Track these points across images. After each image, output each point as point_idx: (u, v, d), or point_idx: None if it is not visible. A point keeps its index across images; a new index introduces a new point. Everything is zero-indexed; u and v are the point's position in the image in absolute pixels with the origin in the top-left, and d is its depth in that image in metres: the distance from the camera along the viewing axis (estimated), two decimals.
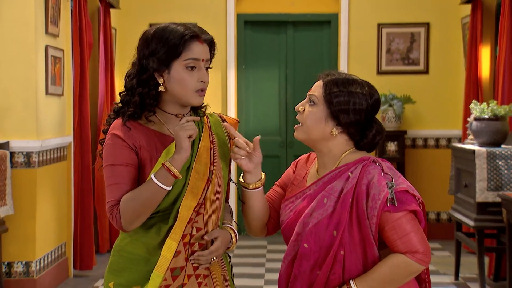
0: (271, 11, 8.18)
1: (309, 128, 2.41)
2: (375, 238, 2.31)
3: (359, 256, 2.32)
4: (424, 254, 2.29)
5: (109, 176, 2.36)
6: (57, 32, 5.89)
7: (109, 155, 2.37)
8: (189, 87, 2.39)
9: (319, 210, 2.35)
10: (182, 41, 2.36)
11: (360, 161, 2.38)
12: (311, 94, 2.45)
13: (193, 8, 8.00)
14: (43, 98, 5.60)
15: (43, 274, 5.62)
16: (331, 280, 2.33)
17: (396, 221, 2.28)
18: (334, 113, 2.38)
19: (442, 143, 7.95)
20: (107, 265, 2.49)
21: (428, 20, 7.92)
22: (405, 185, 2.32)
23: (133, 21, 7.96)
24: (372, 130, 2.42)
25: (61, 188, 6.08)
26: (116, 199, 2.35)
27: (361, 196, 2.31)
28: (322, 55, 8.20)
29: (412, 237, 2.28)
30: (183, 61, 2.37)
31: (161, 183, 2.29)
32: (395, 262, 2.28)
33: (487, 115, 5.57)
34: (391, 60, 7.96)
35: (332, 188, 2.36)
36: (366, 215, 2.29)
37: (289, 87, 8.23)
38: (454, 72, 7.91)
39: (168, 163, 2.29)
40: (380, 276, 2.28)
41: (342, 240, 2.31)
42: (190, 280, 2.39)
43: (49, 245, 5.80)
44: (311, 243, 2.35)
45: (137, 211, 2.32)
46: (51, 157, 5.80)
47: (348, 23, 7.98)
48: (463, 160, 5.80)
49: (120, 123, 2.39)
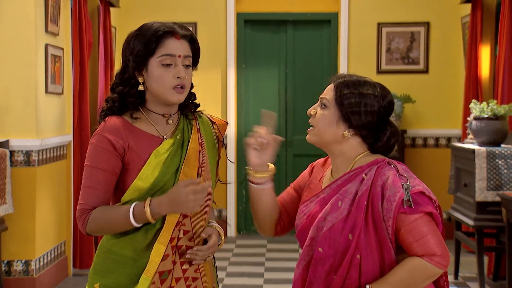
0: (271, 10, 8.18)
1: (321, 131, 2.38)
2: (392, 241, 2.26)
3: (376, 260, 2.28)
4: (442, 257, 2.23)
5: (86, 177, 2.36)
6: (57, 30, 5.89)
7: (91, 156, 2.36)
8: (166, 84, 2.36)
9: (334, 214, 2.32)
10: (154, 37, 2.35)
11: (375, 163, 2.35)
12: (322, 97, 2.41)
13: (193, 7, 8.00)
14: (43, 97, 5.60)
15: (42, 273, 5.62)
16: (347, 284, 2.28)
17: (412, 223, 2.24)
18: (346, 115, 2.35)
19: (442, 142, 7.95)
20: (92, 265, 2.46)
21: (428, 20, 7.92)
22: (421, 187, 2.28)
23: (133, 20, 7.91)
24: (386, 133, 2.38)
25: (60, 187, 6.08)
26: (88, 204, 2.34)
27: (376, 198, 2.27)
28: (322, 54, 8.20)
29: (429, 239, 2.23)
30: (157, 58, 2.36)
31: (133, 219, 2.29)
32: (411, 266, 2.23)
33: (486, 114, 5.57)
34: (391, 60, 7.96)
35: (347, 191, 2.33)
36: (382, 217, 2.25)
37: (289, 86, 8.23)
38: (453, 72, 7.91)
39: (148, 206, 2.27)
40: (397, 280, 2.23)
41: (358, 244, 2.27)
42: (179, 283, 2.38)
43: (49, 243, 5.81)
44: (326, 247, 2.31)
45: (103, 229, 2.36)
46: (50, 155, 5.80)
47: (348, 22, 7.98)
48: (463, 160, 5.81)
49: (111, 122, 2.37)
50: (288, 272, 6.34)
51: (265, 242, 7.70)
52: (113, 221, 2.32)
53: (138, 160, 2.35)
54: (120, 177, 2.37)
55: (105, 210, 2.33)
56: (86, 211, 2.34)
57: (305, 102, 8.13)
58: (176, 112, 2.48)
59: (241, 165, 8.16)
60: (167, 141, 2.41)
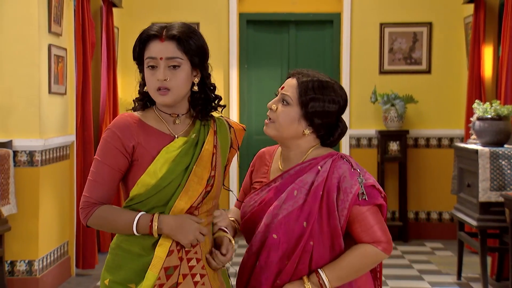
0: (274, 11, 8.18)
1: (282, 126, 2.50)
2: (343, 229, 2.42)
3: (326, 247, 2.43)
4: (388, 243, 2.43)
5: (93, 170, 2.41)
6: (60, 31, 5.89)
7: (100, 150, 2.42)
8: (151, 87, 2.41)
9: (289, 202, 2.44)
10: (139, 41, 2.43)
11: (329, 156, 2.49)
12: (284, 94, 2.50)
13: (196, 7, 8.00)
14: (46, 97, 5.60)
15: (45, 273, 5.62)
16: (299, 270, 2.42)
17: (363, 214, 2.41)
18: (308, 115, 2.48)
19: (444, 142, 7.95)
20: (105, 263, 2.51)
21: (430, 20, 7.92)
22: (371, 180, 2.45)
23: (136, 20, 7.96)
24: (338, 130, 2.54)
25: (63, 187, 6.08)
26: (92, 198, 2.40)
27: (332, 189, 2.42)
28: (324, 55, 8.20)
29: (377, 229, 2.42)
30: (145, 61, 2.42)
31: (136, 229, 2.36)
32: (362, 251, 2.41)
33: (490, 115, 5.57)
34: (393, 60, 7.96)
35: (303, 181, 2.45)
36: (336, 207, 2.40)
37: None
38: (456, 72, 7.91)
39: (156, 221, 2.34)
40: (349, 265, 2.40)
41: (312, 231, 2.41)
42: (186, 279, 2.39)
43: (52, 244, 5.81)
44: (280, 234, 2.42)
45: (104, 227, 2.44)
46: (53, 156, 5.80)
47: (351, 22, 7.98)
48: (466, 160, 5.80)
49: (122, 119, 2.42)
50: None
51: None
52: (115, 223, 2.39)
53: (147, 156, 2.39)
54: (129, 172, 2.41)
55: (111, 212, 2.39)
56: (91, 204, 2.40)
57: None
58: (187, 113, 2.49)
59: (244, 168, 8.16)
60: (179, 139, 2.43)
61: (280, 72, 8.23)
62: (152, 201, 2.39)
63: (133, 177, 2.40)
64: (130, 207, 2.41)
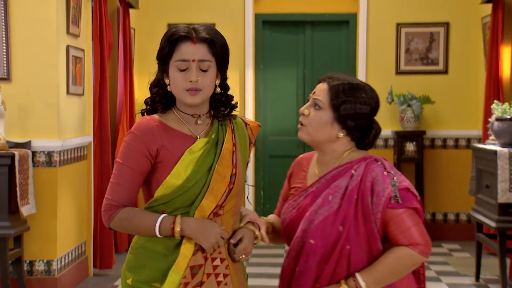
0: (289, 11, 8.18)
1: (315, 130, 2.51)
2: (380, 232, 2.42)
3: (364, 250, 2.43)
4: (425, 246, 2.41)
5: (116, 173, 2.44)
6: (78, 32, 5.92)
7: (123, 153, 2.43)
8: (180, 87, 2.42)
9: (325, 207, 2.46)
10: (169, 42, 2.41)
11: (363, 160, 2.50)
12: (316, 98, 2.53)
13: (212, 8, 8.01)
14: (64, 98, 5.62)
15: (64, 273, 5.64)
16: (337, 273, 2.42)
17: (399, 217, 2.40)
18: (341, 118, 2.49)
19: (462, 143, 7.91)
20: (125, 263, 2.52)
21: (447, 20, 7.89)
22: (406, 183, 2.44)
23: (152, 21, 7.98)
24: (372, 131, 2.55)
25: (81, 187, 6.10)
26: (115, 200, 2.42)
27: (366, 193, 2.42)
28: (340, 55, 8.18)
29: (414, 231, 2.40)
30: (174, 62, 2.41)
31: (158, 231, 2.38)
32: (399, 254, 2.40)
33: (509, 115, 5.53)
34: (410, 60, 7.93)
35: (337, 186, 2.47)
36: (371, 211, 2.41)
37: (307, 87, 8.21)
38: (473, 72, 7.87)
39: (178, 223, 2.36)
40: (385, 268, 2.40)
41: (348, 235, 2.42)
42: (210, 279, 2.41)
43: (70, 244, 5.83)
44: (317, 239, 2.44)
45: (127, 229, 2.46)
46: (71, 156, 5.82)
47: (367, 23, 7.96)
48: (485, 161, 5.77)
49: (145, 122, 2.43)
50: None
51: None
52: (138, 226, 2.40)
53: (171, 157, 2.40)
54: (153, 174, 2.43)
55: (134, 214, 2.41)
56: (113, 207, 2.41)
57: None
58: (207, 113, 2.52)
59: (259, 167, 8.16)
60: (201, 140, 2.45)
61: (295, 73, 8.22)
62: (177, 202, 2.40)
63: (157, 179, 2.42)
64: (153, 208, 2.43)
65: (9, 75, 5.43)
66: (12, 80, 5.45)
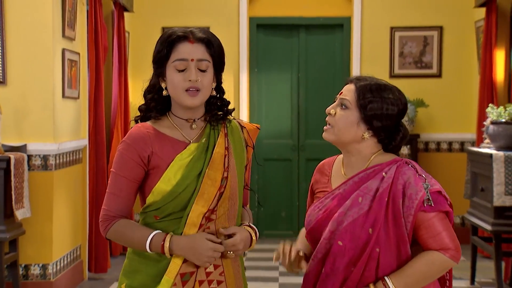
0: (284, 15, 8.18)
1: (341, 131, 2.49)
2: (410, 236, 2.40)
3: (393, 254, 2.40)
4: (456, 250, 2.39)
5: (111, 183, 2.45)
6: (74, 35, 5.90)
7: (116, 162, 2.44)
8: (179, 88, 2.39)
9: (354, 209, 2.42)
10: (167, 42, 2.39)
11: (394, 162, 2.47)
12: (343, 98, 2.51)
13: (206, 11, 8.01)
14: (60, 101, 5.61)
15: (59, 277, 5.62)
16: (366, 276, 2.40)
17: (430, 220, 2.38)
18: (367, 118, 2.47)
19: (455, 147, 7.94)
20: (122, 267, 2.53)
21: (441, 24, 7.92)
22: (437, 187, 2.43)
23: (146, 25, 7.98)
24: (399, 134, 2.52)
25: (76, 191, 6.09)
26: (111, 211, 2.43)
27: (397, 196, 2.40)
28: (334, 59, 8.20)
29: (445, 235, 2.39)
30: (172, 63, 2.40)
31: (148, 246, 2.37)
32: (430, 259, 2.38)
33: (504, 118, 5.56)
34: (403, 64, 7.95)
35: (367, 188, 2.44)
36: (402, 214, 2.38)
37: (301, 91, 8.23)
38: (467, 76, 7.90)
39: (168, 242, 2.35)
40: (415, 273, 2.37)
41: (378, 238, 2.39)
42: (202, 286, 2.40)
43: (65, 247, 5.81)
44: (346, 241, 2.41)
45: (120, 241, 2.46)
46: (67, 160, 5.81)
47: (361, 26, 7.97)
48: (480, 164, 5.79)
49: (136, 130, 2.44)
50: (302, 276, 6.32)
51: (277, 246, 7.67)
52: (131, 239, 2.41)
53: (162, 164, 2.40)
54: (146, 180, 2.43)
55: (127, 227, 2.42)
56: (110, 217, 2.43)
57: (317, 107, 8.13)
58: (202, 117, 2.50)
59: (253, 170, 8.16)
60: (192, 145, 2.44)
61: (290, 76, 8.23)
62: (169, 208, 2.40)
63: (149, 185, 2.42)
64: (146, 214, 2.44)
65: (5, 79, 5.42)
66: (8, 84, 5.43)
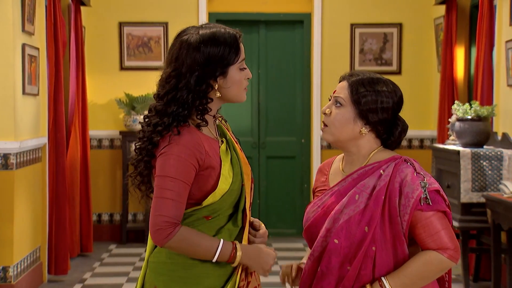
0: (243, 10, 8.10)
1: (338, 129, 2.46)
2: (406, 235, 2.36)
3: (389, 253, 2.37)
4: (455, 250, 2.35)
5: (169, 189, 2.30)
6: (33, 30, 5.72)
7: (174, 167, 2.30)
8: (243, 85, 2.42)
9: (351, 206, 2.39)
10: (236, 44, 2.39)
11: (392, 160, 2.43)
12: (337, 96, 2.48)
13: (164, 6, 7.88)
14: (20, 98, 5.42)
15: (20, 279, 5.44)
16: (362, 276, 2.36)
17: (428, 219, 2.34)
18: (363, 112, 2.43)
19: (415, 143, 7.98)
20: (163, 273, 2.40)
21: (400, 21, 7.94)
22: (436, 186, 2.38)
23: (103, 20, 7.81)
24: (398, 128, 2.48)
25: (36, 190, 5.90)
26: (172, 217, 2.30)
27: (394, 194, 2.36)
28: (295, 55, 8.15)
29: (443, 235, 2.35)
30: (238, 63, 2.39)
31: (217, 254, 2.33)
32: (427, 259, 2.34)
33: (470, 115, 5.59)
34: (364, 61, 7.95)
35: (364, 185, 2.41)
36: (398, 212, 2.35)
37: (261, 87, 8.16)
38: (426, 73, 7.95)
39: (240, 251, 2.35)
40: (413, 272, 2.34)
41: (374, 236, 2.36)
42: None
43: (26, 249, 5.63)
44: (341, 238, 2.38)
45: (185, 250, 2.34)
46: (28, 158, 5.62)
47: (321, 23, 7.95)
48: (446, 161, 5.82)
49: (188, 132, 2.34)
50: None
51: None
52: (197, 248, 2.32)
53: (214, 164, 2.36)
54: (196, 182, 2.35)
55: (193, 235, 2.33)
56: (172, 224, 2.30)
57: (278, 103, 8.08)
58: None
59: None
60: (223, 142, 2.46)
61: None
62: (224, 206, 2.38)
63: (201, 187, 2.36)
64: (194, 215, 2.38)
65: None
66: None
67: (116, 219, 7.87)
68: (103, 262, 6.89)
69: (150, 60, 7.78)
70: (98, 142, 7.82)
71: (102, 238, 7.79)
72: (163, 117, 2.34)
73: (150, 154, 2.37)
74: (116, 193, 7.83)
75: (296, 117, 8.11)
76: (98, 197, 7.76)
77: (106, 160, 7.83)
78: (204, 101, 2.36)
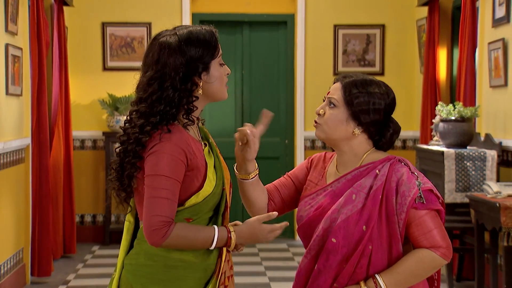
0: (227, 11, 8.10)
1: (330, 129, 2.51)
2: (402, 233, 2.41)
3: (385, 251, 2.42)
4: (447, 249, 2.40)
5: (164, 188, 2.29)
6: (16, 30, 5.67)
7: (168, 166, 2.29)
8: (223, 81, 2.44)
9: (348, 206, 2.44)
10: (215, 39, 2.41)
11: (387, 160, 2.48)
12: (330, 97, 2.53)
13: (147, 7, 7.86)
14: (4, 99, 5.38)
15: (3, 282, 5.40)
16: (357, 273, 2.41)
17: (421, 218, 2.39)
18: (355, 113, 2.48)
19: (398, 144, 8.02)
20: (141, 275, 2.38)
21: (383, 22, 7.98)
22: (429, 185, 2.44)
23: (85, 20, 7.77)
24: (389, 130, 2.53)
25: (19, 192, 5.86)
26: (168, 217, 2.30)
27: (390, 193, 2.42)
28: (278, 56, 8.16)
29: (436, 233, 2.39)
30: (217, 58, 2.41)
31: (214, 242, 2.36)
32: (420, 256, 2.39)
33: (454, 116, 5.63)
34: (347, 62, 7.98)
35: (361, 185, 2.45)
36: (395, 211, 2.40)
37: (245, 88, 8.16)
38: (408, 74, 7.99)
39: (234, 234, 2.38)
40: (406, 270, 2.39)
41: (371, 235, 2.41)
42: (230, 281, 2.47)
43: (9, 251, 5.58)
44: (339, 237, 2.42)
45: (183, 245, 2.35)
46: (11, 159, 5.58)
47: (305, 23, 7.96)
48: (430, 162, 5.85)
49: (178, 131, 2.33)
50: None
51: None
52: (194, 241, 2.34)
53: (199, 165, 2.36)
54: (186, 182, 2.35)
55: (188, 229, 2.33)
56: (167, 223, 2.29)
57: (261, 104, 8.07)
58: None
59: None
60: (206, 145, 2.47)
61: (233, 74, 8.14)
62: (204, 208, 2.38)
63: (185, 188, 2.35)
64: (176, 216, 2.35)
65: None
66: None
67: (99, 220, 7.84)
68: (86, 263, 6.86)
69: (133, 61, 7.75)
70: (80, 143, 7.78)
71: (85, 239, 7.75)
72: (149, 117, 2.32)
73: (137, 156, 2.33)
74: (99, 194, 7.80)
75: (280, 118, 8.12)
76: (81, 198, 7.72)
77: (89, 161, 7.79)
78: (191, 99, 2.36)
